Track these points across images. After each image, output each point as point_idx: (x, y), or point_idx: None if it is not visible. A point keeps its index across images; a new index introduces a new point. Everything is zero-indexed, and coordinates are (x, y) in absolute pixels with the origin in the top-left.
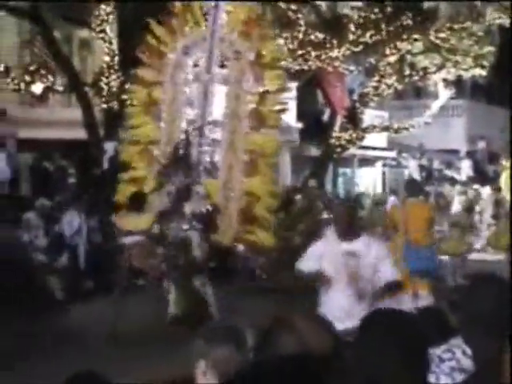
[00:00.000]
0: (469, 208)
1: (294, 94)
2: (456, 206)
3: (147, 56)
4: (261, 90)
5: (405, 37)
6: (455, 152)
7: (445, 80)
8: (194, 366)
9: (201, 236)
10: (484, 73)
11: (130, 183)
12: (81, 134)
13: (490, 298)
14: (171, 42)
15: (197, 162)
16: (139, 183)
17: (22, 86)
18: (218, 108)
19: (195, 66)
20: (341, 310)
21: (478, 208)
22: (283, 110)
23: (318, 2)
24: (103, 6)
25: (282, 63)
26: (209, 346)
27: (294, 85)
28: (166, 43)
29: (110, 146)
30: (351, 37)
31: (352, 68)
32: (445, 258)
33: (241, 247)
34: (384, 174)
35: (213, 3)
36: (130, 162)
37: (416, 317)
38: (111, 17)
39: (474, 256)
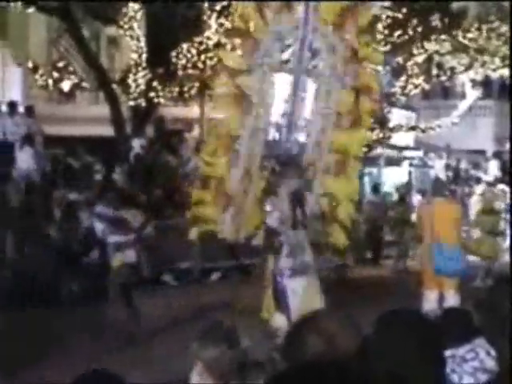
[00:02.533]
0: (490, 209)
1: None
2: (477, 206)
3: (235, 39)
4: (354, 87)
5: (433, 37)
6: (482, 152)
7: (472, 80)
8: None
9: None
10: None
11: (209, 181)
12: (108, 130)
13: None
14: (262, 26)
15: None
16: (218, 181)
17: (50, 82)
18: (307, 103)
19: (286, 55)
20: None
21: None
22: (376, 110)
23: None
24: (131, 4)
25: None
26: (202, 347)
27: None
28: (257, 27)
29: (136, 143)
30: (379, 36)
31: (379, 68)
32: (474, 258)
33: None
34: (410, 173)
35: None
36: (210, 159)
37: (434, 317)
38: (139, 14)
39: (504, 258)
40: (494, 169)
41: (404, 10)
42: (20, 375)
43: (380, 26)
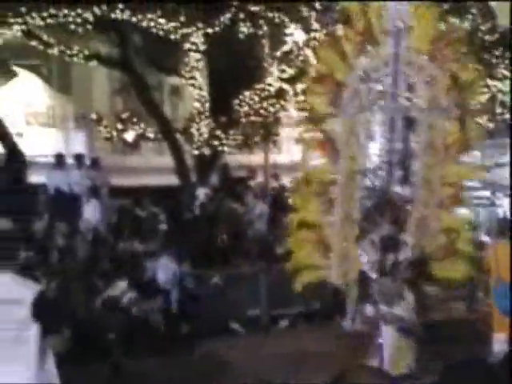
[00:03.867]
0: None
1: None
2: None
3: (317, 85)
4: (459, 115)
5: (496, 75)
6: None
7: None
8: None
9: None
10: None
11: (301, 227)
12: (173, 180)
13: None
14: (345, 68)
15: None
16: (314, 227)
17: (114, 134)
18: (405, 141)
19: (378, 93)
20: None
21: None
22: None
23: None
24: (192, 54)
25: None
26: None
27: None
28: (339, 69)
29: (201, 192)
30: None
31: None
32: None
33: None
34: (478, 213)
35: (395, 22)
36: (302, 203)
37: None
38: (201, 63)
39: None
40: None
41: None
42: None
43: None
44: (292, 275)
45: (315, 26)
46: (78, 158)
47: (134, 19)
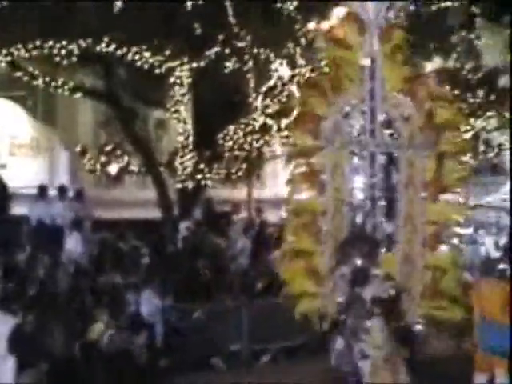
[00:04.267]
0: None
1: None
2: None
3: (300, 121)
4: (437, 154)
5: (479, 114)
6: None
7: None
8: None
9: (383, 324)
10: None
11: (295, 256)
12: (155, 213)
13: None
14: (325, 105)
15: (373, 239)
16: (306, 257)
17: (98, 166)
18: (387, 176)
19: (356, 130)
20: None
21: None
22: (465, 176)
23: None
24: (177, 87)
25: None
26: None
27: None
28: (319, 106)
29: (184, 226)
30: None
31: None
32: None
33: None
34: (461, 251)
35: (368, 60)
36: (293, 234)
37: None
38: (186, 97)
39: None
40: None
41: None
42: None
43: None
44: (289, 305)
45: (300, 61)
46: (62, 189)
47: (119, 52)
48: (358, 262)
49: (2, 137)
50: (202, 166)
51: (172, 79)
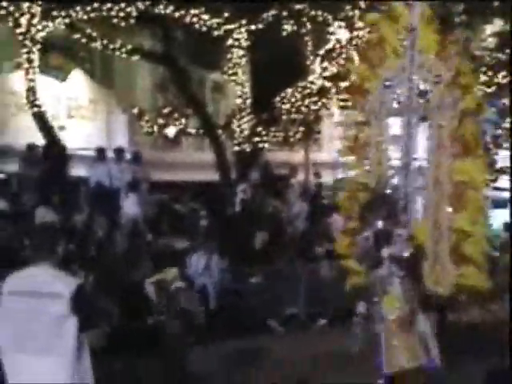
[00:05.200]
0: None
1: None
2: None
3: (351, 95)
4: (459, 113)
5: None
6: None
7: None
8: None
9: (403, 285)
10: None
11: (345, 234)
12: (213, 176)
13: None
14: (373, 77)
15: (402, 203)
16: (351, 234)
17: (156, 129)
18: (421, 143)
19: (398, 99)
20: None
21: None
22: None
23: None
24: (235, 50)
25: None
26: None
27: None
28: (368, 78)
29: (241, 188)
30: (483, 78)
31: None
32: None
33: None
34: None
35: (409, 28)
36: (345, 209)
37: None
38: (243, 60)
39: None
40: None
41: (507, 51)
42: None
43: (485, 68)
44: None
45: (359, 24)
46: (119, 151)
47: (177, 14)
48: (380, 224)
49: (61, 99)
50: (259, 128)
51: (230, 42)
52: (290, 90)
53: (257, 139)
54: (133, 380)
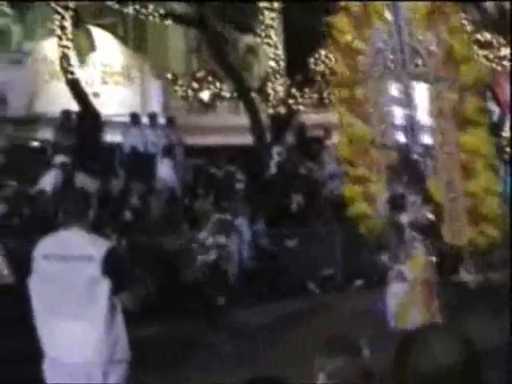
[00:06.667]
0: None
1: None
2: None
3: (339, 55)
4: (458, 86)
5: None
6: None
7: None
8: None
9: (426, 248)
10: None
11: (353, 182)
12: (248, 139)
13: None
14: (361, 40)
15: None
16: (362, 182)
17: (190, 93)
18: (422, 107)
19: (391, 63)
20: None
21: None
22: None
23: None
24: (267, 12)
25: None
26: (325, 358)
27: None
28: (355, 41)
29: (277, 151)
30: (496, 53)
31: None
32: None
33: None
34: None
35: None
36: (351, 160)
37: None
38: (276, 22)
39: None
40: None
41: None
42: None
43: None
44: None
45: None
46: (152, 116)
47: None
48: (398, 188)
49: (95, 65)
50: (293, 90)
51: (262, 4)
52: (323, 52)
53: (291, 101)
54: (171, 341)
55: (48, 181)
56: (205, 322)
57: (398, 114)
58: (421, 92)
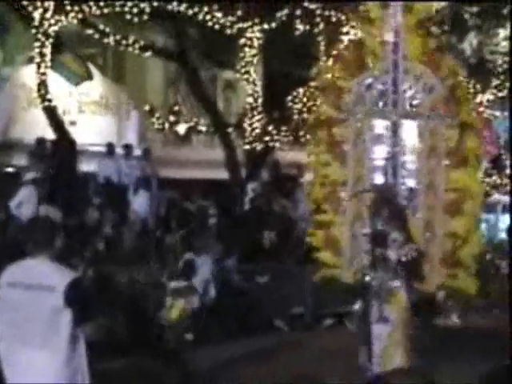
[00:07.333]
0: None
1: None
2: None
3: (324, 92)
4: (459, 125)
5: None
6: None
7: None
8: None
9: (406, 285)
10: None
11: (318, 227)
12: (223, 174)
13: None
14: (349, 77)
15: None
16: (326, 227)
17: (167, 125)
18: (409, 145)
19: (380, 100)
20: None
21: None
22: (481, 149)
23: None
24: (247, 49)
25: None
26: None
27: None
28: (343, 78)
29: (251, 187)
30: (495, 82)
31: (497, 113)
32: None
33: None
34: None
35: (391, 33)
36: (318, 204)
37: None
38: (256, 59)
39: None
40: None
41: None
42: None
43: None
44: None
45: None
46: (128, 148)
47: (190, 11)
48: (379, 224)
49: (72, 94)
50: (270, 127)
51: (243, 40)
52: (301, 90)
53: (267, 138)
54: (132, 378)
55: (17, 202)
56: (170, 358)
57: (381, 153)
58: (409, 130)
